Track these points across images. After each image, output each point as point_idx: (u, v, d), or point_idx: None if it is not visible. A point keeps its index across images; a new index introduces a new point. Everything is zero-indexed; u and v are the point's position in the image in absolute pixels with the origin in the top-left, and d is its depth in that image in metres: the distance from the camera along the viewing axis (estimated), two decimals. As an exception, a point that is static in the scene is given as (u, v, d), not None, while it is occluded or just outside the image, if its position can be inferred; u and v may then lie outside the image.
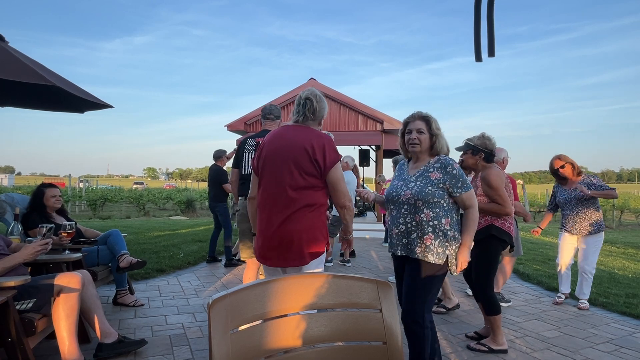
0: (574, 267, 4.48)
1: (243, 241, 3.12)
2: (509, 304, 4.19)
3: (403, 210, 2.28)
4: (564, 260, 4.27)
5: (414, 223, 2.24)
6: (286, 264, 2.12)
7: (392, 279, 5.06)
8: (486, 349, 2.97)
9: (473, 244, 2.28)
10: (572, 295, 4.40)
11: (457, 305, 3.98)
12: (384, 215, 8.03)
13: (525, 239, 9.53)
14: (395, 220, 2.32)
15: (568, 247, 4.25)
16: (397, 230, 2.31)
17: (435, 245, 2.20)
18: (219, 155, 6.00)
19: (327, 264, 5.78)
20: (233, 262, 5.77)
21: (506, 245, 3.03)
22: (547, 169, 4.32)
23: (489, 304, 2.97)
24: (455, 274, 2.24)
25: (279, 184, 2.12)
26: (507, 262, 4.23)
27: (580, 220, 4.09)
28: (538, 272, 5.55)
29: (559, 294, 4.35)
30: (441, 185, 2.23)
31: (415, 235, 2.24)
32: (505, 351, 2.98)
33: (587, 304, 4.13)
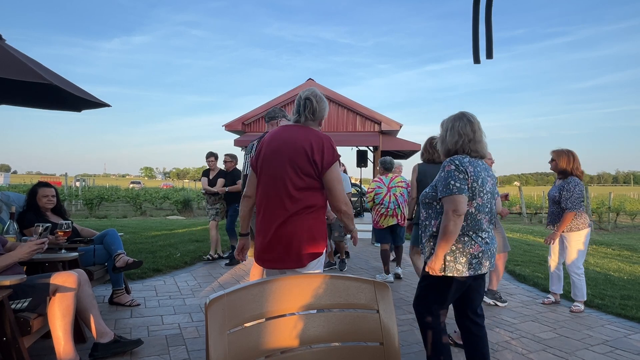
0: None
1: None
2: (505, 304, 4.21)
3: None
4: (553, 259, 4.32)
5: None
6: (283, 265, 2.09)
7: (379, 276, 5.21)
8: (452, 343, 3.05)
9: (438, 254, 2.11)
10: (566, 297, 4.41)
11: None
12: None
13: (521, 240, 9.56)
14: None
15: (556, 246, 4.29)
16: None
17: (424, 243, 2.32)
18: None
19: (330, 267, 5.77)
20: (233, 262, 5.85)
21: None
22: (544, 171, 4.37)
23: None
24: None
25: (277, 185, 2.09)
26: (498, 260, 4.25)
27: (557, 218, 4.13)
28: (534, 273, 5.57)
29: (548, 295, 4.40)
30: (435, 187, 2.25)
31: (421, 232, 2.41)
32: None
33: (580, 306, 4.04)
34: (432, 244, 2.24)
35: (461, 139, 2.21)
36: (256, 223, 2.22)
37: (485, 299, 4.22)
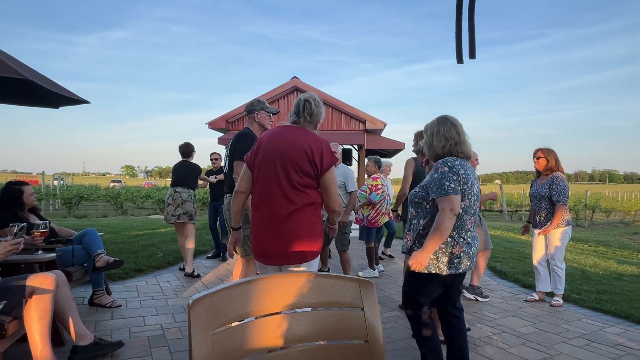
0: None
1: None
2: (487, 299, 4.29)
3: None
4: (536, 256, 4.35)
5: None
6: (287, 262, 2.17)
7: (363, 273, 5.31)
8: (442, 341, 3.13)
9: (429, 249, 2.15)
10: (551, 295, 4.49)
11: None
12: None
13: (502, 237, 9.76)
14: None
15: (539, 242, 4.33)
16: None
17: (410, 241, 2.37)
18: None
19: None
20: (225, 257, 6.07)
21: None
22: (524, 169, 4.43)
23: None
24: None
25: (278, 182, 2.15)
26: (480, 257, 4.31)
27: (544, 214, 4.18)
28: (514, 270, 5.69)
29: (532, 293, 4.42)
30: (425, 187, 2.31)
31: (406, 229, 2.47)
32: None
33: (560, 301, 4.15)
34: (417, 242, 2.29)
35: (448, 142, 2.27)
36: (253, 220, 2.25)
37: (466, 294, 4.28)
